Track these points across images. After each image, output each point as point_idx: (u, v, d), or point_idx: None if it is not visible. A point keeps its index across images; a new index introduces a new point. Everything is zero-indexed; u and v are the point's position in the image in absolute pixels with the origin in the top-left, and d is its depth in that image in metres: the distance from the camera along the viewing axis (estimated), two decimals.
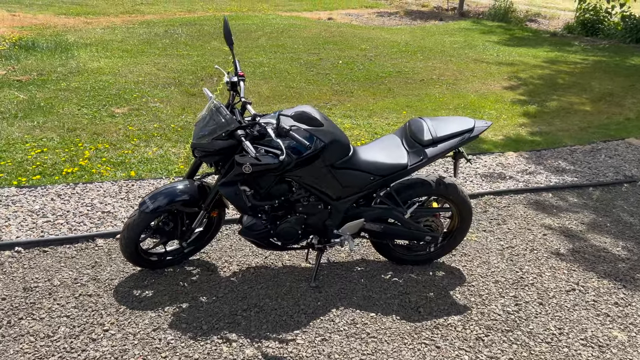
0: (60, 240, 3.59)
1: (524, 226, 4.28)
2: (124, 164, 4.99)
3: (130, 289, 3.18)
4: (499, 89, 8.49)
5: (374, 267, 3.59)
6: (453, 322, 3.08)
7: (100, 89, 7.22)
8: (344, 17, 14.82)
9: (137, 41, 10.34)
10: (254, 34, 11.45)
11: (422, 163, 3.19)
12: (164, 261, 3.35)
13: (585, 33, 13.82)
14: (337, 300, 3.21)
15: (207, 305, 3.08)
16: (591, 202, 4.84)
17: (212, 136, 2.90)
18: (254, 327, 2.93)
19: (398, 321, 3.07)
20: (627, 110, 7.76)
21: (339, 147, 3.06)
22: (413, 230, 3.37)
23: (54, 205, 4.08)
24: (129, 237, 3.09)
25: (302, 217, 3.20)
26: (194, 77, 8.12)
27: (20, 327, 2.81)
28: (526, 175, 5.34)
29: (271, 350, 2.77)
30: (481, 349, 2.88)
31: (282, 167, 2.93)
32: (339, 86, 8.16)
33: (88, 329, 2.83)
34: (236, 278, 3.36)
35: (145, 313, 2.98)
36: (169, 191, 3.10)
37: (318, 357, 2.75)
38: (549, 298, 3.36)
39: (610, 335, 3.05)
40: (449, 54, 10.80)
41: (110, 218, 3.96)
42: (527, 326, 3.08)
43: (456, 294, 3.35)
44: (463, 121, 3.30)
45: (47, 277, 3.23)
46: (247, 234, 3.19)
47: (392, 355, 2.80)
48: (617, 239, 4.15)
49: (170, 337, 2.81)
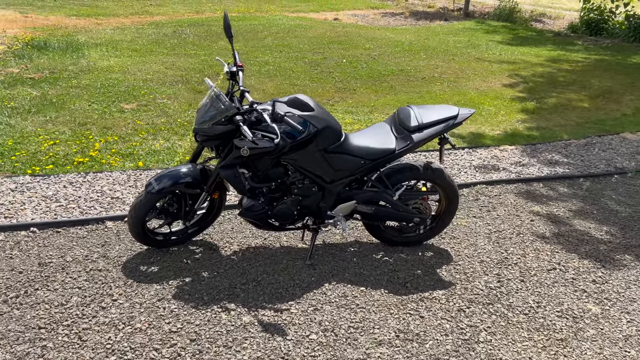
0: (72, 222, 3.83)
1: (513, 213, 4.48)
2: (132, 155, 5.23)
3: (137, 264, 3.42)
4: (499, 86, 8.67)
5: (367, 248, 3.80)
6: (437, 296, 3.29)
7: (110, 86, 7.49)
8: (350, 17, 15.06)
9: (146, 41, 10.62)
10: (260, 34, 11.71)
11: (408, 148, 3.40)
12: (168, 240, 3.59)
13: (589, 32, 13.96)
14: (330, 276, 3.43)
15: (209, 280, 3.31)
16: (580, 192, 5.02)
17: (212, 121, 3.13)
18: (251, 299, 3.16)
19: (386, 294, 3.28)
20: (624, 106, 7.91)
21: (331, 132, 3.29)
22: (402, 212, 3.58)
23: (66, 192, 4.33)
24: (136, 216, 3.32)
25: (298, 199, 3.42)
26: (200, 75, 8.37)
27: (36, 297, 3.05)
28: (519, 167, 5.53)
29: (266, 318, 3.00)
30: (462, 319, 3.09)
31: (277, 150, 3.16)
32: (341, 84, 8.38)
33: (98, 299, 3.07)
34: (236, 256, 3.59)
35: (151, 286, 3.21)
36: (173, 174, 3.34)
37: (310, 325, 2.97)
38: (530, 276, 3.56)
39: (585, 308, 3.24)
40: (452, 53, 10.99)
41: (119, 203, 4.20)
42: (507, 300, 3.29)
43: (442, 271, 3.55)
44: (448, 109, 3.51)
45: (60, 254, 3.48)
46: (246, 215, 3.42)
47: (378, 324, 3.01)
48: (601, 225, 4.34)
49: (174, 307, 3.04)
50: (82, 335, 2.78)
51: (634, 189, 5.13)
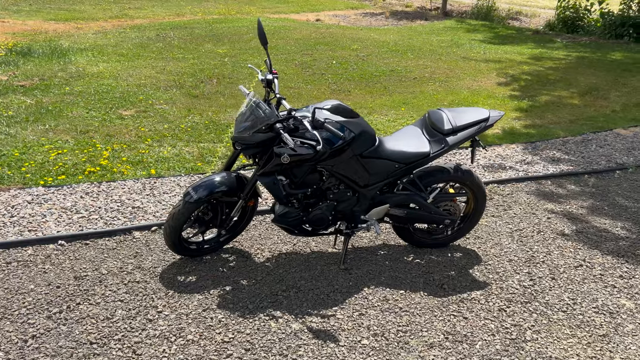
0: (99, 234, 3.78)
1: (529, 211, 4.57)
2: (142, 162, 5.17)
3: (174, 275, 3.39)
4: (490, 85, 8.82)
5: (396, 250, 3.84)
6: (476, 297, 3.35)
7: (104, 92, 7.38)
8: (331, 18, 15.10)
9: (131, 45, 10.48)
10: (245, 37, 11.66)
11: (443, 150, 3.45)
12: (202, 249, 3.57)
13: (566, 30, 14.28)
14: (367, 280, 3.46)
15: (249, 287, 3.30)
16: (587, 188, 5.15)
17: (252, 130, 3.13)
18: (295, 305, 3.16)
19: (426, 297, 3.32)
20: (612, 103, 8.13)
21: (366, 137, 3.31)
22: (433, 215, 3.63)
23: (84, 203, 4.26)
24: (174, 226, 3.29)
25: (333, 204, 3.44)
26: (193, 80, 8.30)
27: (80, 311, 3.00)
28: (524, 165, 5.64)
29: (315, 325, 3.01)
30: (505, 318, 3.15)
31: (316, 157, 3.17)
32: (335, 85, 8.41)
33: (143, 311, 3.04)
34: (270, 263, 3.59)
35: (193, 296, 3.19)
36: (210, 182, 3.32)
37: (359, 330, 2.99)
38: (559, 273, 3.64)
39: (619, 304, 3.34)
40: (438, 52, 11.12)
41: (141, 213, 4.15)
42: (544, 298, 3.36)
43: (475, 272, 3.61)
44: (479, 111, 3.57)
45: (94, 266, 3.42)
46: (282, 222, 3.42)
47: (425, 326, 3.05)
48: (615, 220, 4.46)
49: (221, 316, 3.03)
50: (135, 349, 2.75)
51: (637, 184, 5.28)
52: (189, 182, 4.80)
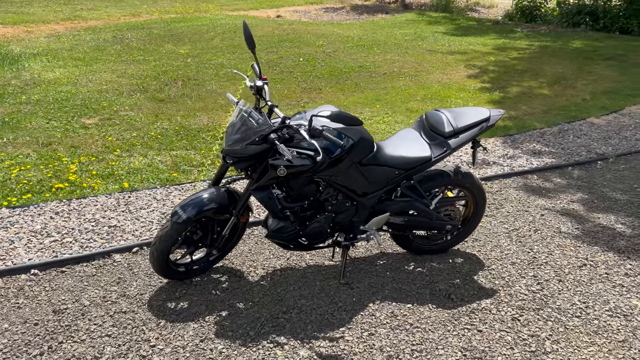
0: (75, 259, 3.47)
1: (521, 208, 4.46)
2: (113, 175, 4.85)
3: (163, 302, 3.12)
4: (459, 78, 8.75)
5: (395, 259, 3.66)
6: (486, 306, 3.19)
7: (63, 100, 6.96)
8: (292, 14, 14.83)
9: (87, 48, 10.01)
10: (206, 35, 11.29)
11: (445, 154, 3.28)
12: (190, 271, 3.30)
13: (525, 20, 14.42)
14: (371, 295, 3.26)
15: (246, 311, 3.06)
16: (573, 181, 5.09)
17: (245, 142, 2.88)
18: (299, 329, 2.94)
19: (435, 309, 3.15)
20: (581, 92, 8.17)
21: (365, 144, 3.11)
22: (435, 221, 3.46)
23: (55, 224, 3.93)
24: (161, 249, 3.02)
25: (331, 216, 3.22)
26: (157, 83, 7.95)
27: (63, 352, 2.71)
28: (508, 159, 5.55)
29: (324, 350, 2.79)
30: (520, 328, 3.00)
31: (315, 168, 2.95)
32: (305, 83, 8.19)
33: (134, 346, 2.76)
34: (266, 282, 3.35)
35: (187, 325, 2.93)
36: (199, 200, 3.06)
37: (372, 352, 2.79)
38: (565, 274, 3.53)
39: (631, 305, 3.24)
40: (403, 46, 11.01)
41: (119, 232, 3.85)
42: (555, 303, 3.24)
43: (480, 278, 3.47)
44: (479, 111, 3.41)
45: (74, 297, 3.12)
46: (277, 237, 3.19)
47: (440, 343, 2.88)
48: (608, 214, 4.39)
49: (221, 347, 2.78)
50: None
51: (620, 174, 5.26)
52: (165, 195, 4.51)
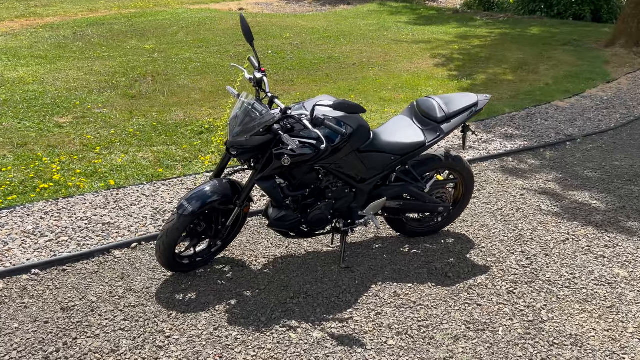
0: (76, 257, 3.46)
1: (502, 189, 4.65)
2: (97, 173, 4.81)
3: (171, 294, 3.16)
4: (427, 66, 8.94)
5: (390, 242, 3.78)
6: (482, 282, 3.35)
7: (32, 99, 6.82)
8: (255, 6, 14.78)
9: (48, 46, 9.77)
10: (169, 30, 11.16)
11: (439, 138, 3.41)
12: (194, 263, 3.35)
13: (483, 8, 14.78)
14: (372, 277, 3.38)
15: (255, 299, 3.14)
16: (546, 161, 5.33)
17: (250, 133, 2.94)
18: (309, 312, 3.03)
19: (434, 287, 3.29)
20: (544, 77, 8.47)
21: (363, 131, 3.21)
22: (428, 203, 3.60)
23: (47, 224, 3.89)
24: (169, 242, 3.06)
25: (331, 203, 3.32)
26: (127, 79, 7.85)
27: (79, 347, 2.72)
28: (483, 143, 5.75)
29: (335, 331, 2.89)
30: (517, 300, 3.17)
31: (318, 156, 3.03)
32: (277, 76, 8.23)
33: (150, 338, 2.80)
34: (269, 270, 3.43)
35: (199, 314, 2.99)
36: (203, 192, 3.10)
37: (381, 330, 2.91)
38: (550, 249, 3.73)
39: (614, 273, 3.46)
40: (369, 37, 11.15)
41: (114, 229, 3.85)
42: (545, 275, 3.42)
43: (473, 256, 3.63)
44: (468, 97, 3.56)
45: (80, 294, 3.13)
46: (279, 225, 3.26)
47: (444, 318, 3.02)
48: (582, 191, 4.63)
49: (236, 333, 2.85)
50: None
51: (588, 154, 5.53)
52: (153, 191, 4.52)
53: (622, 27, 10.08)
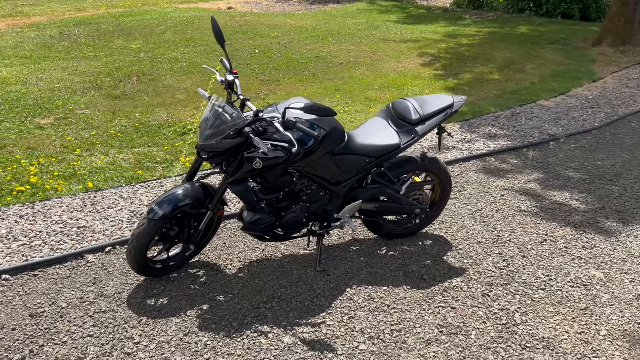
0: (48, 262, 3.42)
1: (482, 190, 4.64)
2: (76, 176, 4.77)
3: (142, 299, 3.13)
4: (414, 66, 8.92)
5: (367, 244, 3.76)
6: (457, 284, 3.34)
7: (14, 100, 6.76)
8: (244, 5, 14.73)
9: (34, 46, 9.70)
10: (157, 29, 11.10)
11: (414, 141, 3.39)
12: (167, 267, 3.32)
13: (473, 7, 14.77)
14: (348, 280, 3.36)
15: (227, 304, 3.11)
16: (529, 161, 5.32)
17: (220, 136, 2.91)
18: (281, 317, 3.01)
19: (409, 290, 3.27)
20: (530, 76, 8.47)
21: (337, 134, 3.19)
22: (405, 205, 3.58)
23: (22, 227, 3.85)
24: (139, 247, 3.03)
25: (306, 206, 3.29)
26: (112, 79, 7.80)
27: (46, 355, 2.69)
28: (466, 143, 5.74)
29: (307, 336, 2.87)
30: (491, 303, 3.16)
31: (290, 160, 3.01)
32: (264, 76, 8.19)
33: (118, 344, 2.77)
34: (244, 274, 3.40)
35: (170, 320, 2.95)
36: (174, 196, 3.07)
37: (353, 335, 2.89)
38: (528, 250, 3.72)
39: (590, 275, 3.45)
40: (357, 36, 11.12)
41: (89, 233, 3.81)
42: (521, 278, 3.41)
43: (450, 258, 3.61)
44: (443, 98, 3.54)
45: (50, 300, 3.09)
46: (253, 229, 3.23)
47: (417, 322, 3.00)
48: (563, 192, 4.62)
49: (206, 339, 2.82)
50: None
51: (571, 154, 5.52)
52: (132, 193, 4.48)
53: (609, 26, 10.10)
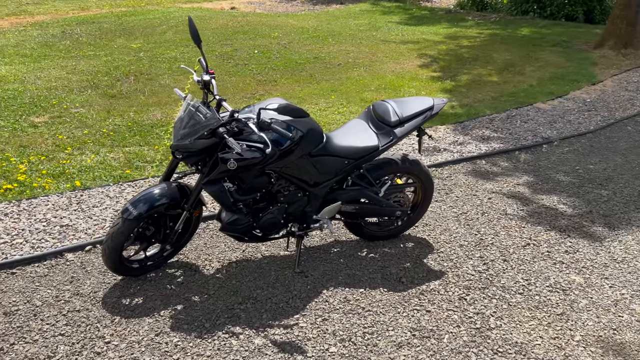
0: (26, 260, 3.43)
1: (470, 193, 4.61)
2: (64, 174, 4.79)
3: (117, 298, 3.13)
4: (412, 67, 8.89)
5: (348, 246, 3.75)
6: (435, 287, 3.32)
7: (10, 98, 6.80)
8: (247, 5, 14.75)
9: (35, 45, 9.76)
10: (158, 29, 11.13)
11: (392, 143, 3.38)
12: (144, 267, 3.32)
13: (476, 8, 14.71)
14: (325, 282, 3.35)
15: (202, 304, 3.11)
16: (519, 164, 5.28)
17: (194, 136, 2.91)
18: (254, 318, 3.00)
19: (386, 293, 3.26)
20: (529, 78, 8.42)
21: (314, 135, 3.18)
22: (385, 207, 3.56)
23: (5, 225, 3.87)
24: (114, 246, 3.03)
25: (284, 207, 3.29)
26: (109, 78, 7.83)
27: (15, 353, 2.70)
28: (458, 145, 5.71)
29: (278, 337, 2.86)
30: (467, 307, 3.14)
31: (265, 160, 3.00)
32: (261, 76, 8.19)
33: (88, 343, 2.78)
34: (221, 274, 3.40)
35: (143, 320, 2.96)
36: (149, 196, 3.07)
37: (325, 337, 2.88)
38: (509, 254, 3.69)
39: (569, 280, 3.42)
40: (357, 37, 11.10)
41: (71, 231, 3.82)
42: (499, 282, 3.39)
43: (430, 261, 3.59)
44: (423, 100, 3.52)
45: (25, 298, 3.10)
46: (231, 230, 3.23)
47: (390, 325, 2.98)
48: (551, 195, 4.59)
49: (176, 340, 2.82)
50: None
51: (563, 157, 5.48)
52: (118, 192, 4.49)
53: (611, 29, 10.02)
